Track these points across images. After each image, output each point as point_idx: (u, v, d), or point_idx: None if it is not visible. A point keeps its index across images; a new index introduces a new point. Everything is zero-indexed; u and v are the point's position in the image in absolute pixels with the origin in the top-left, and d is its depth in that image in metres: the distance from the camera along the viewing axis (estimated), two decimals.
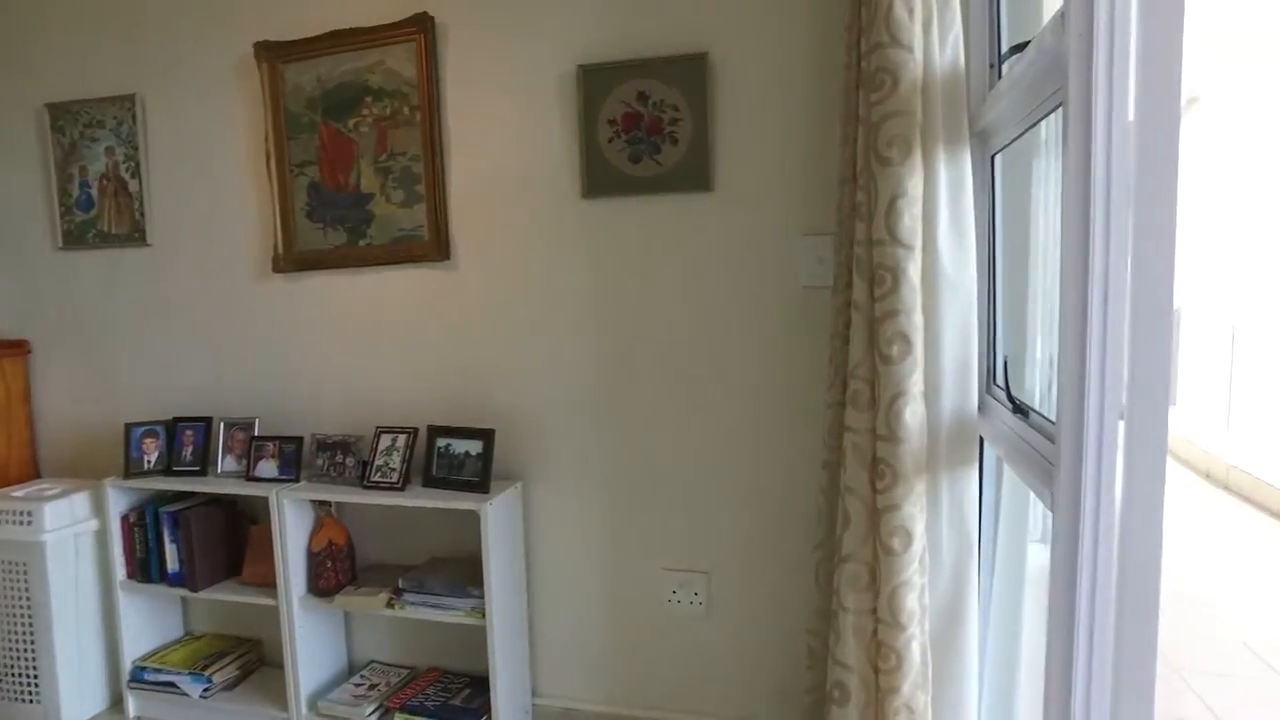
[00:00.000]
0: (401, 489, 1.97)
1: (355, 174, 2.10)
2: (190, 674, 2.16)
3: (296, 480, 2.08)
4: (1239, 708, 2.60)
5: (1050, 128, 1.35)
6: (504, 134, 1.98)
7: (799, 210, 1.80)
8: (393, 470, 2.00)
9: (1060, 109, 1.06)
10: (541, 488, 2.05)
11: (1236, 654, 3.05)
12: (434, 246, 2.05)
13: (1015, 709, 1.62)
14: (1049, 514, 1.04)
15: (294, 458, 2.09)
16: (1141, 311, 0.88)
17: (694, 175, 1.84)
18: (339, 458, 2.07)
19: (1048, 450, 1.11)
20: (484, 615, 1.89)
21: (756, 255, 1.84)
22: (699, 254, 1.88)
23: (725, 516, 1.94)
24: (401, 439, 2.03)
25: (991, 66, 1.52)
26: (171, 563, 2.13)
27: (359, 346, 2.16)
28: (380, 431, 2.05)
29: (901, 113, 1.31)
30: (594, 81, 1.89)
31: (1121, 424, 0.92)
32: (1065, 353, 0.96)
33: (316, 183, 2.13)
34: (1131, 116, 0.90)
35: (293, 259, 2.17)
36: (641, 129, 1.87)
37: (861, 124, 1.39)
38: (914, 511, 1.32)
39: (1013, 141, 1.41)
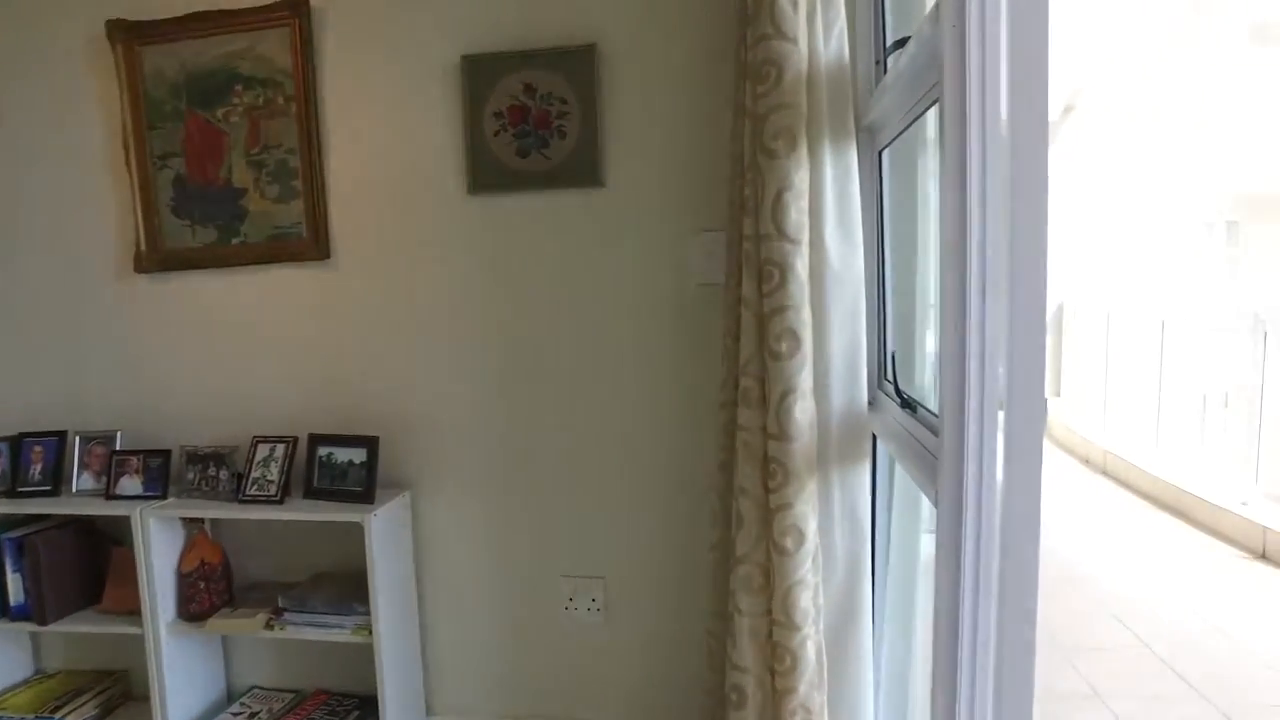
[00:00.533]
0: (280, 502, 1.85)
1: (226, 167, 1.96)
2: (37, 718, 1.96)
3: (164, 497, 1.92)
4: (1113, 678, 2.74)
5: (937, 123, 1.36)
6: (386, 127, 1.88)
7: (691, 205, 1.77)
8: (270, 482, 1.88)
9: (938, 103, 1.06)
10: (431, 496, 1.96)
11: (1110, 628, 3.22)
12: (313, 245, 1.93)
13: (911, 698, 1.64)
14: None
15: (161, 472, 1.94)
16: (1018, 305, 0.88)
17: (584, 170, 1.79)
18: (212, 470, 1.93)
19: (933, 445, 1.11)
20: (371, 632, 1.79)
21: (649, 252, 1.80)
22: (590, 252, 1.83)
23: (622, 520, 1.89)
24: (280, 448, 1.90)
25: (878, 63, 1.53)
26: (15, 594, 1.93)
27: (233, 351, 2.01)
28: (257, 441, 1.92)
29: (787, 105, 1.29)
30: (479, 72, 1.81)
31: (1001, 416, 0.92)
32: (945, 347, 0.96)
33: (183, 176, 1.98)
34: (1005, 108, 0.90)
35: (158, 258, 2.01)
36: (529, 122, 1.81)
37: (748, 117, 1.37)
38: (806, 510, 1.31)
39: (898, 136, 1.42)
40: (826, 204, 1.32)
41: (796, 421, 1.28)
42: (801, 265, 1.27)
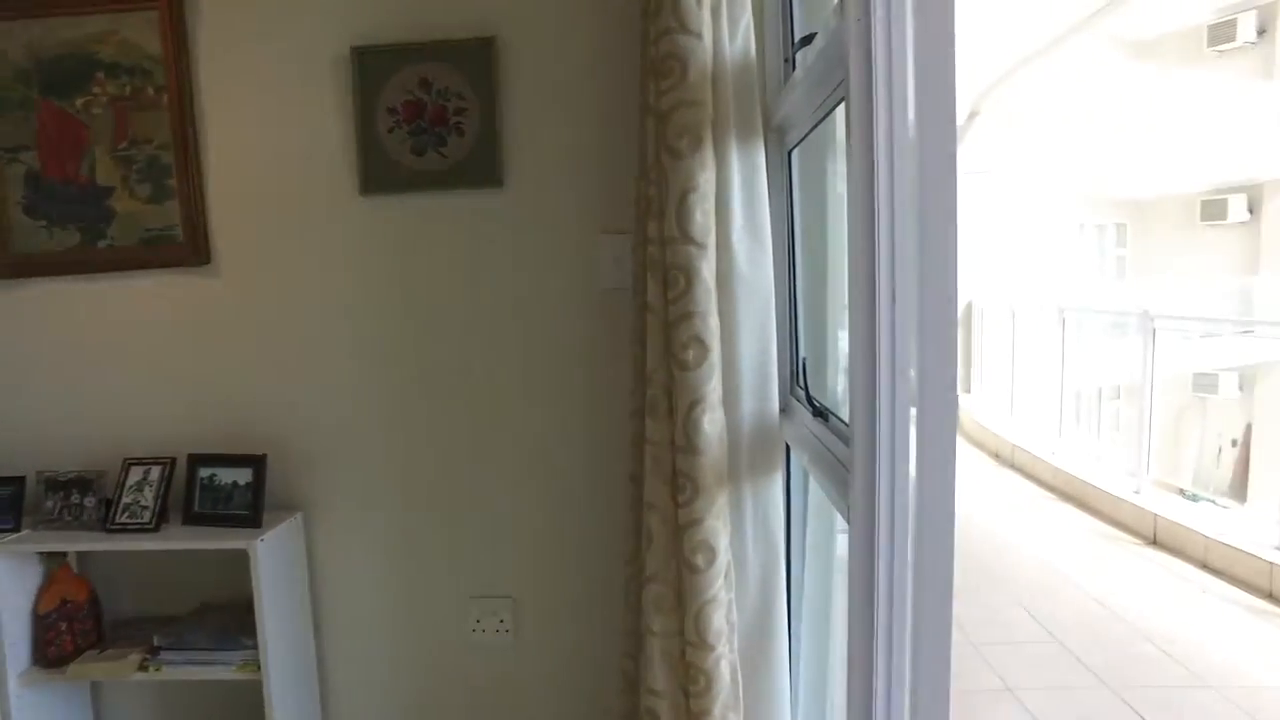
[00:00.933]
0: (155, 529, 1.69)
1: (88, 163, 1.78)
2: None
3: (16, 529, 1.73)
4: (1023, 672, 2.81)
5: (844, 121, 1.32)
6: (271, 122, 1.75)
7: (597, 207, 1.70)
8: (144, 508, 1.71)
9: (845, 100, 1.02)
10: (327, 517, 1.83)
11: (1020, 620, 3.31)
12: (191, 249, 1.78)
13: (829, 707, 1.61)
14: None
15: (13, 502, 1.75)
16: (928, 308, 0.84)
17: (483, 170, 1.70)
18: (75, 498, 1.75)
19: (845, 455, 1.07)
20: (259, 667, 1.65)
21: (554, 256, 1.72)
22: (492, 256, 1.74)
23: (531, 537, 1.81)
24: (155, 471, 1.74)
25: (786, 60, 1.49)
26: None
27: (100, 365, 1.84)
28: (129, 464, 1.75)
29: (691, 102, 1.23)
30: (371, 65, 1.70)
31: (913, 422, 0.89)
32: (855, 354, 0.92)
33: (36, 172, 1.79)
34: (912, 103, 0.86)
35: (8, 263, 1.81)
36: (425, 119, 1.70)
37: (652, 114, 1.31)
38: (717, 525, 1.25)
39: (807, 136, 1.38)
40: (734, 206, 1.27)
41: (705, 433, 1.22)
42: (708, 270, 1.22)
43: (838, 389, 1.46)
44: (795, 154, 1.49)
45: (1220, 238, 13.07)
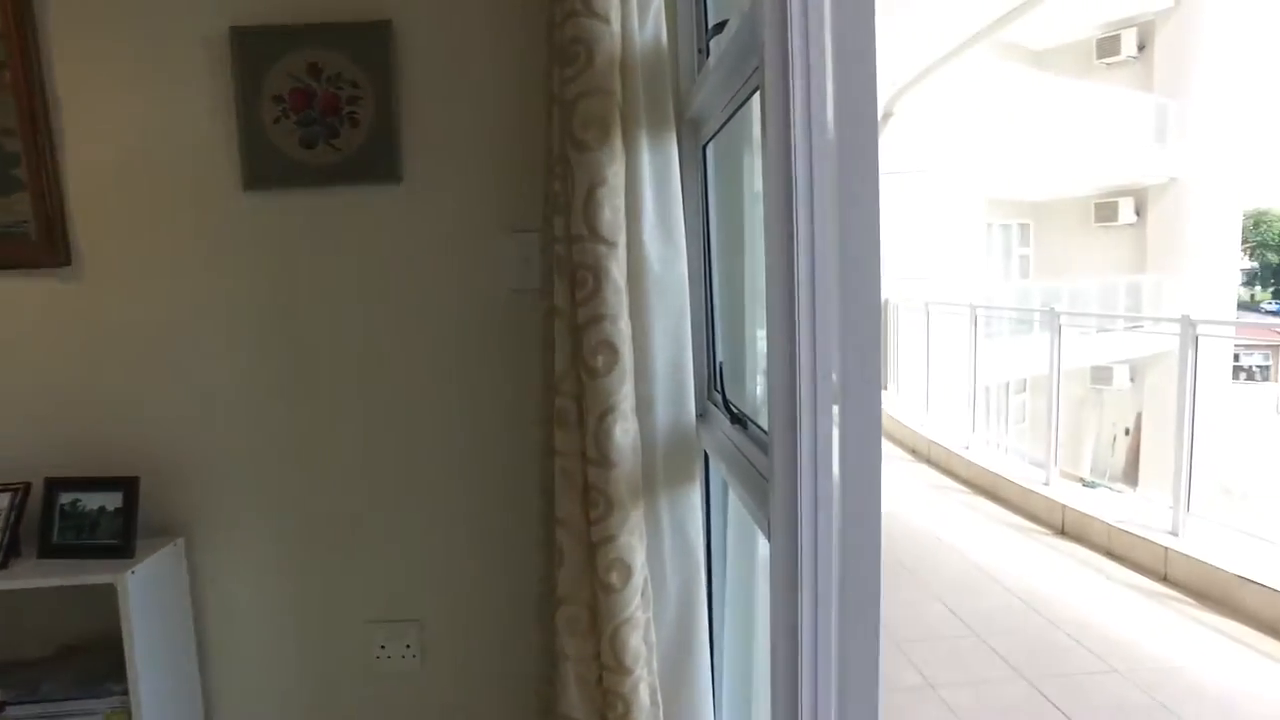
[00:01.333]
0: (3, 565, 1.51)
1: None
2: None
3: None
4: (944, 667, 2.84)
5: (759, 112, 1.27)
6: (139, 108, 1.58)
7: (503, 204, 1.60)
8: None
9: (760, 90, 0.96)
10: (213, 541, 1.67)
11: (939, 614, 3.36)
12: (46, 248, 1.60)
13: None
14: None
15: None
16: (850, 308, 0.79)
17: (379, 163, 1.58)
18: None
19: (764, 465, 1.01)
20: (130, 716, 1.49)
21: (458, 256, 1.61)
22: (391, 256, 1.62)
23: (439, 555, 1.69)
24: (6, 498, 1.56)
25: (700, 50, 1.43)
26: None
27: None
28: None
29: (598, 91, 1.15)
30: (253, 48, 1.56)
31: (836, 429, 0.83)
32: (774, 358, 0.85)
33: None
34: (830, 89, 0.80)
35: None
36: (315, 108, 1.57)
37: (557, 104, 1.22)
38: (632, 541, 1.18)
39: (722, 129, 1.32)
40: (645, 202, 1.20)
41: (618, 444, 1.14)
42: (618, 269, 1.14)
43: (757, 393, 1.41)
44: (710, 148, 1.42)
45: (1113, 238, 13.82)
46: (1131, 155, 12.76)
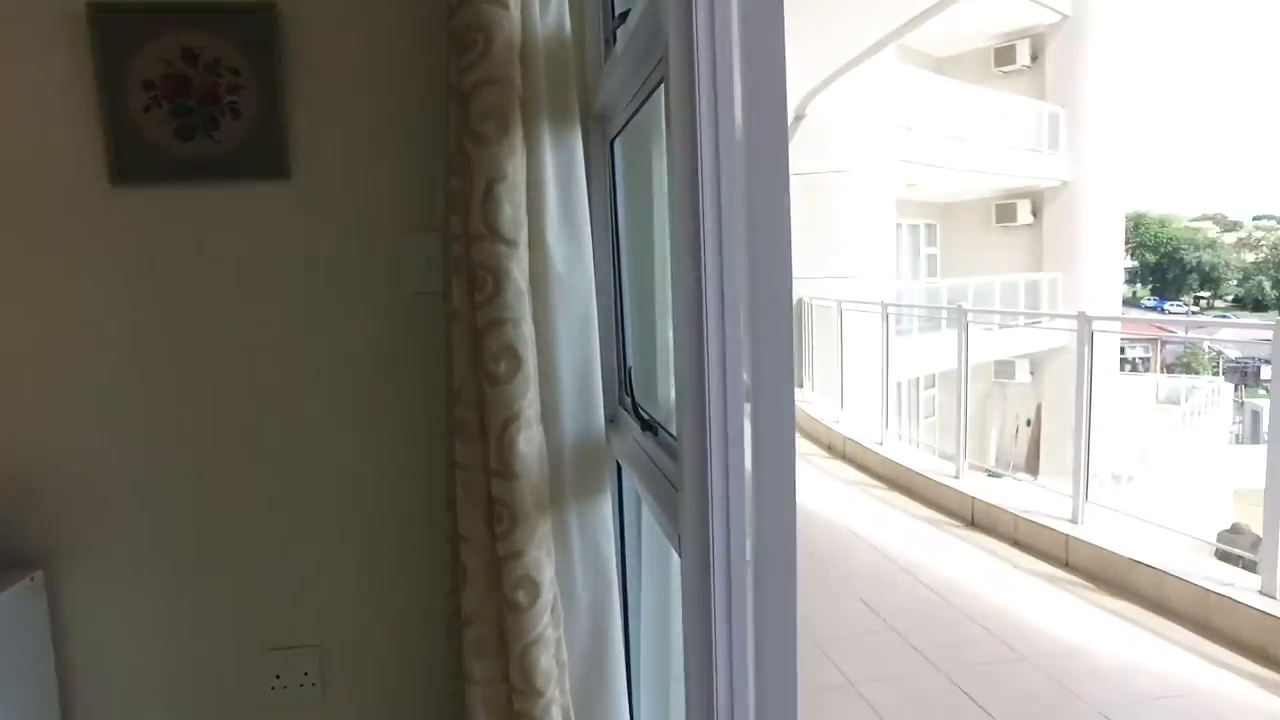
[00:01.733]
0: None
1: None
2: None
3: None
4: (862, 663, 2.88)
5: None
6: None
7: (403, 201, 1.51)
8: None
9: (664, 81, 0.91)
10: (79, 572, 1.52)
11: (856, 611, 3.41)
12: None
13: None
14: None
15: None
16: (760, 309, 0.74)
17: (265, 158, 1.46)
18: None
19: (674, 473, 0.96)
20: None
21: (355, 258, 1.51)
22: (280, 259, 1.50)
23: (339, 576, 1.59)
24: None
25: (607, 42, 1.37)
26: None
27: None
28: None
29: (497, 81, 1.09)
30: (117, 28, 1.42)
31: (749, 438, 0.79)
32: (682, 364, 0.80)
33: None
34: (738, 79, 0.76)
35: None
36: (191, 97, 1.45)
37: (455, 94, 1.15)
38: (540, 557, 1.12)
39: (629, 122, 1.27)
40: (548, 199, 1.14)
41: (522, 454, 1.08)
42: (519, 270, 1.08)
43: (670, 398, 1.36)
44: (619, 143, 1.37)
45: (1012, 238, 14.48)
46: (1027, 159, 13.41)
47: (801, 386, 8.75)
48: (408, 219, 1.51)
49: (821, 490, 5.52)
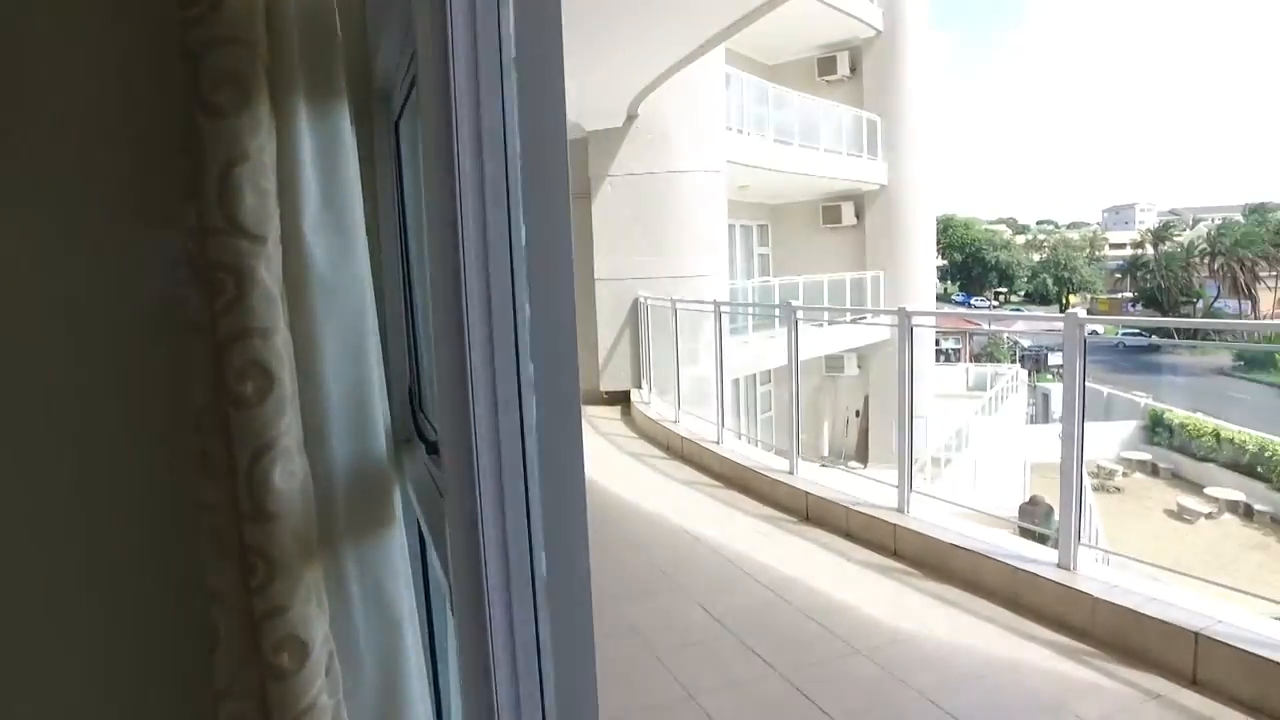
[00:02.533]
0: None
1: None
2: None
3: None
4: (702, 673, 2.83)
5: None
6: None
7: (137, 189, 1.26)
8: None
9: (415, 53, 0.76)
10: None
11: (695, 617, 3.37)
12: None
13: None
14: None
15: None
16: (540, 308, 0.63)
17: None
18: None
19: (442, 481, 0.82)
20: None
21: (82, 258, 1.25)
22: None
23: (71, 662, 1.31)
24: None
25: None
26: None
27: None
28: None
29: (234, 40, 0.90)
30: None
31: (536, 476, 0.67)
32: (443, 376, 0.67)
33: None
34: (513, 43, 0.64)
35: None
36: None
37: (183, 55, 0.95)
38: (307, 611, 0.93)
39: (407, 102, 1.11)
40: (304, 184, 0.96)
41: (278, 491, 0.90)
42: (268, 270, 0.89)
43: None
44: (402, 127, 1.21)
45: (838, 238, 15.32)
46: (850, 164, 14.24)
47: (639, 387, 8.77)
48: (148, 211, 1.26)
49: (661, 493, 5.50)
